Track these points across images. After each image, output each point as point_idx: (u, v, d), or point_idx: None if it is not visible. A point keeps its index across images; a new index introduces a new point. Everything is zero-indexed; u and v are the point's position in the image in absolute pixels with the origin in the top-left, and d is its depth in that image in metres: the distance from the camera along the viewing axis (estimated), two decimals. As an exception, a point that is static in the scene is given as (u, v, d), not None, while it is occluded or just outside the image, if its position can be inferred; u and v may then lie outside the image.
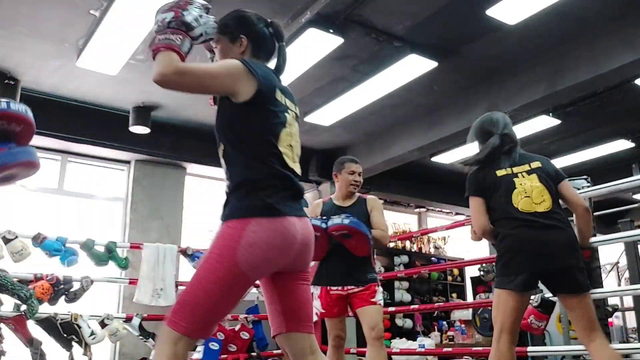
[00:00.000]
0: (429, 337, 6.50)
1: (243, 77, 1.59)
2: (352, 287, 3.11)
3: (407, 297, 7.66)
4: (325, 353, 3.26)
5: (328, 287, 3.16)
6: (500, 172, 2.50)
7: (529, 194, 2.42)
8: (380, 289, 3.16)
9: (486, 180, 2.51)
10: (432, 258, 8.55)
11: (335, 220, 2.99)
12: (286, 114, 1.69)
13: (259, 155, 1.60)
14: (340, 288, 3.13)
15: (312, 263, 3.00)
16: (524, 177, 2.48)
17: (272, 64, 1.83)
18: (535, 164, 2.53)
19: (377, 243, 3.18)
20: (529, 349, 3.76)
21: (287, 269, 1.63)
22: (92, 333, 4.25)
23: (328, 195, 3.74)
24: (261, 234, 1.50)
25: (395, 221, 8.82)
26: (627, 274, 6.02)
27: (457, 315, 7.42)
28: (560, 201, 2.50)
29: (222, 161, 1.67)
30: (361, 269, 3.12)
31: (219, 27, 1.73)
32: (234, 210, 1.56)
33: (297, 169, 1.70)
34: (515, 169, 2.51)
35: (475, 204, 2.53)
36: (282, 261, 1.58)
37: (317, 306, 3.22)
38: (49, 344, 4.11)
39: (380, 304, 3.12)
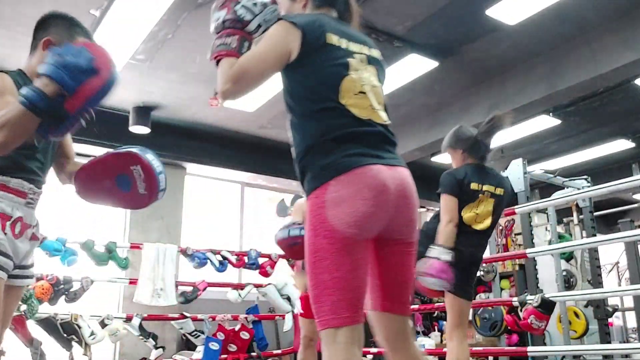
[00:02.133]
0: (429, 337, 6.49)
1: (288, 34, 1.43)
2: None
3: (407, 297, 7.65)
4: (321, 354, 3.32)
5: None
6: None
7: None
8: None
9: None
10: (432, 258, 8.50)
11: None
12: (348, 59, 1.48)
13: (317, 114, 1.43)
14: None
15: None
16: None
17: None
18: None
19: None
20: (529, 349, 3.76)
21: (389, 232, 1.44)
22: (92, 333, 4.26)
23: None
24: (343, 191, 1.35)
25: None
26: (627, 274, 6.03)
27: (457, 315, 7.40)
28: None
29: (290, 133, 1.52)
30: None
31: None
32: (309, 181, 1.42)
33: (376, 116, 1.50)
34: None
35: None
36: (381, 214, 1.39)
37: (297, 306, 3.34)
38: (49, 344, 4.11)
39: None
